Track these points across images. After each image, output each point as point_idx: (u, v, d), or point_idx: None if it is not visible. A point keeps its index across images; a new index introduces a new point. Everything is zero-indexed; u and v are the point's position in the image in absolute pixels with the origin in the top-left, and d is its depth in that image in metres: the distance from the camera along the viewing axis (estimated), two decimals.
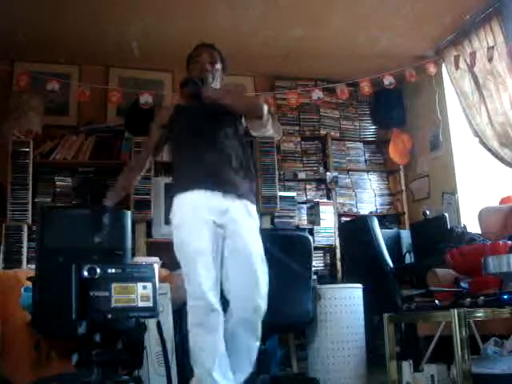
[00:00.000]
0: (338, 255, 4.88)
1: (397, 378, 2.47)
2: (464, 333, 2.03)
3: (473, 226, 3.78)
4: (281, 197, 4.88)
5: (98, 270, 1.19)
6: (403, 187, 5.34)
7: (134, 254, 3.88)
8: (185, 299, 3.10)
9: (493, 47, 4.09)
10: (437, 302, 2.32)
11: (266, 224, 4.83)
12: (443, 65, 4.76)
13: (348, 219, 5.08)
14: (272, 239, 3.01)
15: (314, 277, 3.88)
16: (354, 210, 5.28)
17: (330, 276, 4.91)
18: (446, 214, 4.00)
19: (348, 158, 5.43)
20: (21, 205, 4.21)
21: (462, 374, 2.00)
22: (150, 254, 4.04)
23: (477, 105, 4.33)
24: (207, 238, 2.18)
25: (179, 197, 2.32)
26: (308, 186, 5.23)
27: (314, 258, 3.10)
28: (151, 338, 2.60)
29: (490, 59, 4.10)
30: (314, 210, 5.08)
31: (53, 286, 2.42)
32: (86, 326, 1.19)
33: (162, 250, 3.96)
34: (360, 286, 3.24)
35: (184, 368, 2.93)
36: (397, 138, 5.34)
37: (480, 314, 2.15)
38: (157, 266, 1.26)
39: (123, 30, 4.24)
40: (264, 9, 4.13)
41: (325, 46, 4.69)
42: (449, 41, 4.60)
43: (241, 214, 2.36)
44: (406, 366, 2.48)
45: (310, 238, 3.07)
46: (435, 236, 3.71)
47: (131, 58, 4.65)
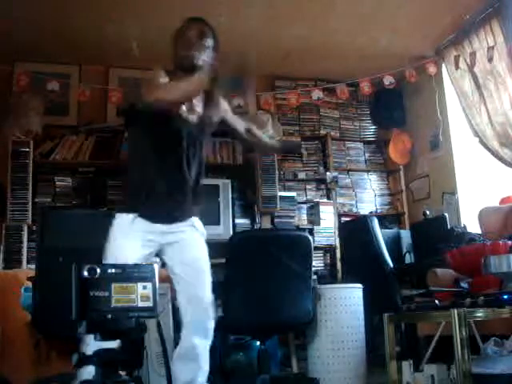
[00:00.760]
0: (338, 255, 4.88)
1: (397, 378, 2.47)
2: (464, 333, 2.03)
3: (473, 226, 3.78)
4: (281, 197, 4.88)
5: (98, 270, 1.19)
6: (403, 187, 5.34)
7: None
8: None
9: (493, 47, 4.09)
10: (437, 302, 2.32)
11: (266, 224, 4.84)
12: (443, 65, 4.76)
13: (348, 219, 5.08)
14: (272, 239, 3.02)
15: (314, 277, 3.88)
16: (354, 210, 5.28)
17: (330, 276, 4.91)
18: (446, 214, 4.00)
19: (348, 157, 5.43)
20: (21, 205, 4.21)
21: (462, 374, 2.00)
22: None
23: (477, 105, 4.33)
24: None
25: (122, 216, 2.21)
26: (308, 186, 5.23)
27: (314, 258, 3.10)
28: (151, 338, 2.60)
29: (490, 59, 4.11)
30: (313, 209, 5.08)
31: (53, 286, 2.42)
32: (86, 326, 1.18)
33: None
34: (360, 286, 3.24)
35: None
36: (397, 138, 5.34)
37: (480, 314, 2.15)
38: (157, 266, 1.26)
39: (123, 30, 4.23)
40: (264, 9, 4.13)
41: (325, 46, 4.69)
42: (449, 41, 4.60)
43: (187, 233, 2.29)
44: (406, 366, 2.48)
45: (310, 237, 3.07)
46: (435, 236, 3.71)
47: (131, 58, 4.65)
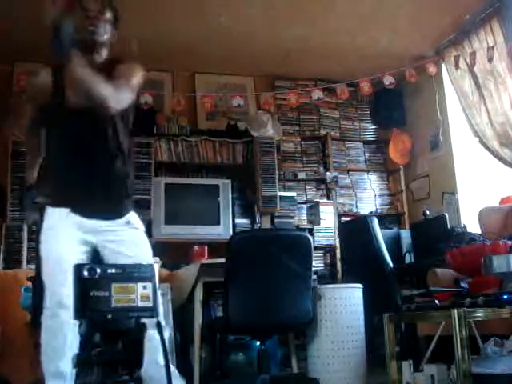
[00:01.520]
0: (338, 255, 4.88)
1: (397, 378, 2.47)
2: (464, 333, 2.03)
3: (473, 226, 3.78)
4: (281, 197, 4.88)
5: (98, 270, 1.19)
6: (403, 187, 5.34)
7: None
8: (185, 299, 3.11)
9: (493, 47, 4.09)
10: (437, 302, 2.32)
11: (266, 224, 4.84)
12: (443, 65, 4.76)
13: (348, 219, 5.08)
14: (272, 239, 3.02)
15: (314, 277, 3.88)
16: (354, 209, 5.28)
17: (330, 276, 4.91)
18: (446, 214, 4.00)
19: (348, 158, 5.43)
20: (21, 205, 4.21)
21: (462, 374, 2.00)
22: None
23: (477, 105, 4.33)
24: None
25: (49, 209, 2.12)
26: (308, 186, 5.23)
27: (314, 258, 3.10)
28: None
29: (490, 59, 4.11)
30: (313, 209, 5.08)
31: None
32: (86, 326, 1.18)
33: (162, 249, 3.97)
34: (360, 286, 3.24)
35: (184, 368, 2.93)
36: (397, 138, 5.34)
37: (480, 314, 2.15)
38: (157, 266, 1.26)
39: (123, 30, 4.23)
40: (264, 9, 4.13)
41: (325, 46, 4.69)
42: (449, 41, 4.60)
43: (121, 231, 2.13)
44: (406, 366, 2.48)
45: (310, 237, 3.07)
46: (435, 236, 3.71)
47: (130, 58, 4.64)
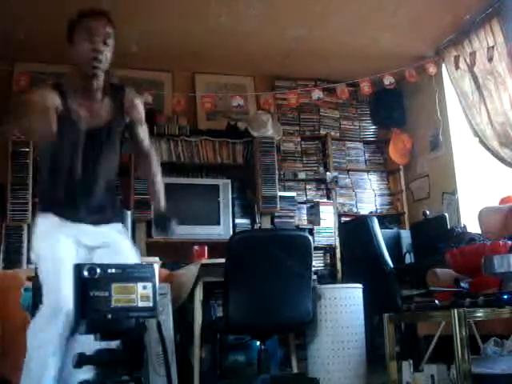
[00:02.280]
0: (338, 255, 4.88)
1: (397, 378, 2.47)
2: (464, 333, 2.03)
3: (473, 226, 3.78)
4: (281, 197, 4.88)
5: (98, 270, 1.19)
6: (403, 187, 5.34)
7: None
8: (185, 299, 3.11)
9: (493, 47, 4.09)
10: (437, 302, 2.32)
11: (266, 224, 4.84)
12: (443, 65, 4.76)
13: (348, 219, 5.08)
14: (272, 239, 3.02)
15: (314, 277, 3.87)
16: (354, 209, 5.28)
17: (330, 276, 4.91)
18: (446, 214, 4.00)
19: (348, 158, 5.43)
20: (21, 205, 4.20)
21: (462, 374, 2.00)
22: (150, 254, 4.04)
23: (477, 105, 4.33)
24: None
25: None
26: (308, 186, 5.23)
27: (314, 258, 3.10)
28: (151, 338, 2.60)
29: (490, 59, 4.11)
30: (313, 209, 5.08)
31: None
32: (86, 326, 1.18)
33: (162, 250, 3.97)
34: (360, 286, 3.24)
35: (184, 368, 2.93)
36: (397, 138, 5.34)
37: (480, 313, 2.15)
38: (157, 266, 1.26)
39: (123, 30, 4.23)
40: (264, 9, 4.13)
41: (325, 46, 4.69)
42: (449, 41, 4.61)
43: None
44: (406, 366, 2.48)
45: (310, 237, 3.07)
46: (435, 236, 3.71)
47: (131, 58, 4.65)
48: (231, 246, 2.85)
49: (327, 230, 4.99)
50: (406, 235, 4.46)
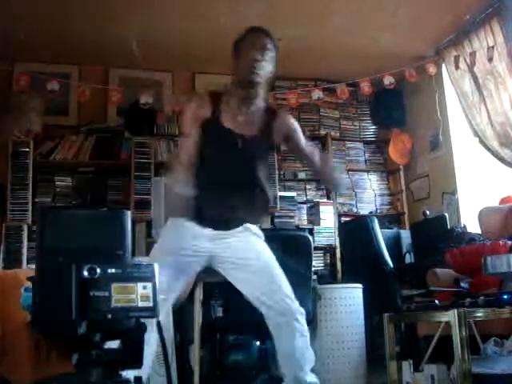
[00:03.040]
0: (338, 255, 4.88)
1: (397, 378, 2.47)
2: (464, 333, 2.03)
3: (473, 226, 3.78)
4: (281, 197, 4.88)
5: (98, 270, 1.19)
6: (403, 187, 5.34)
7: (134, 254, 3.89)
8: (185, 299, 3.10)
9: (493, 47, 4.09)
10: (437, 302, 2.32)
11: (266, 224, 4.84)
12: (443, 65, 4.76)
13: (348, 219, 5.08)
14: (272, 239, 3.02)
15: (314, 277, 3.88)
16: (354, 209, 5.28)
17: (330, 276, 4.91)
18: (446, 214, 4.00)
19: (348, 158, 5.43)
20: (21, 205, 4.21)
21: (462, 374, 2.00)
22: (150, 254, 4.04)
23: (477, 105, 4.33)
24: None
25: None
26: (308, 186, 5.23)
27: (314, 258, 3.10)
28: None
29: (490, 59, 4.11)
30: (314, 209, 5.08)
31: (53, 286, 2.42)
32: (86, 326, 1.18)
33: None
34: (360, 286, 3.24)
35: (184, 368, 2.93)
36: (397, 138, 5.34)
37: (480, 313, 2.15)
38: (157, 266, 1.26)
39: (123, 30, 4.23)
40: (264, 9, 4.13)
41: (325, 46, 4.69)
42: (449, 41, 4.60)
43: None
44: (406, 366, 2.48)
45: (310, 237, 3.07)
46: (435, 236, 3.71)
47: (131, 58, 4.65)
48: None
49: (327, 229, 4.99)
50: (406, 235, 4.46)
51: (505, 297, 2.12)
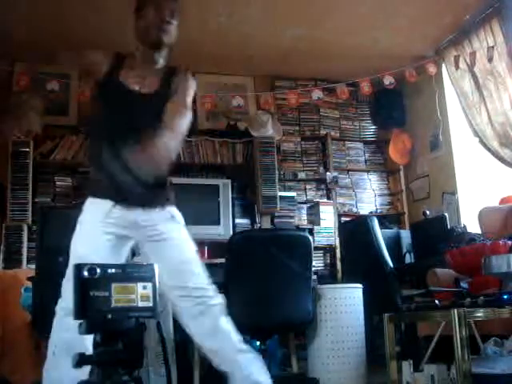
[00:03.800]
0: (338, 255, 4.88)
1: (397, 378, 2.47)
2: (464, 333, 2.03)
3: (473, 226, 3.78)
4: (281, 197, 4.88)
5: (98, 270, 1.19)
6: (403, 187, 5.35)
7: (134, 254, 3.88)
8: None
9: (493, 47, 4.09)
10: (437, 302, 2.32)
11: (266, 224, 4.84)
12: (443, 65, 4.76)
13: (348, 219, 5.08)
14: (272, 239, 3.02)
15: (314, 277, 3.88)
16: (354, 209, 5.28)
17: (330, 276, 4.91)
18: (446, 214, 4.00)
19: (348, 158, 5.43)
20: (21, 205, 4.21)
21: (462, 374, 2.00)
22: None
23: (477, 105, 4.33)
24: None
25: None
26: (308, 186, 5.23)
27: (314, 258, 3.10)
28: (151, 338, 2.60)
29: (490, 59, 4.11)
30: (313, 209, 5.08)
31: (53, 286, 2.42)
32: (86, 326, 1.18)
33: None
34: (360, 286, 3.23)
35: (184, 368, 2.93)
36: (397, 138, 5.34)
37: (480, 314, 2.15)
38: (157, 266, 1.26)
39: (123, 30, 4.23)
40: (264, 9, 4.13)
41: (325, 46, 4.69)
42: (449, 41, 4.60)
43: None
44: (406, 366, 2.48)
45: (310, 237, 3.07)
46: (435, 236, 3.71)
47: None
48: (231, 246, 2.85)
49: (327, 229, 4.99)
50: (406, 235, 4.46)
51: (505, 297, 2.12)
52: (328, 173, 5.20)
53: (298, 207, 5.08)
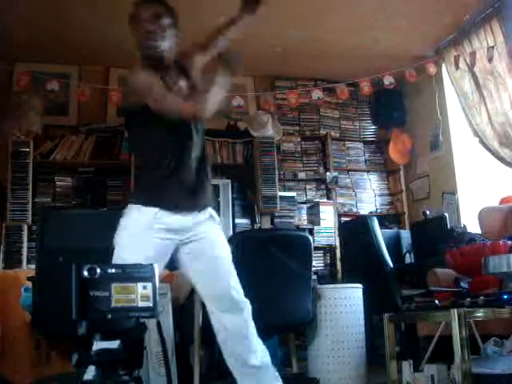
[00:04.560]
0: (338, 255, 4.88)
1: (397, 378, 2.47)
2: (464, 333, 2.03)
3: (473, 226, 3.78)
4: (281, 197, 4.88)
5: (98, 270, 1.19)
6: (403, 187, 5.35)
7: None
8: (185, 299, 3.11)
9: (493, 47, 4.09)
10: (437, 302, 2.32)
11: (266, 224, 4.84)
12: (443, 65, 4.76)
13: (348, 219, 5.08)
14: (272, 239, 3.02)
15: (314, 277, 3.87)
16: (354, 209, 5.28)
17: (330, 276, 4.91)
18: (446, 214, 4.00)
19: (348, 158, 5.43)
20: (21, 205, 4.21)
21: (462, 374, 2.00)
22: None
23: (477, 105, 4.33)
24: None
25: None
26: (308, 186, 5.23)
27: (314, 258, 3.10)
28: (151, 338, 2.60)
29: (490, 59, 4.11)
30: (314, 209, 5.08)
31: (53, 286, 2.42)
32: (86, 326, 1.18)
33: None
34: (360, 286, 3.23)
35: (184, 368, 2.93)
36: (397, 138, 5.35)
37: (480, 314, 2.15)
38: (157, 266, 1.26)
39: (123, 30, 4.23)
40: (264, 9, 4.12)
41: (325, 46, 4.69)
42: (449, 41, 4.60)
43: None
44: (406, 365, 2.48)
45: (310, 237, 3.07)
46: (435, 236, 3.71)
47: (131, 58, 4.65)
48: (231, 246, 2.84)
49: (327, 229, 4.99)
50: (406, 235, 4.46)
51: (505, 297, 2.12)
52: (328, 173, 5.20)
53: (298, 207, 5.08)
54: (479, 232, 3.54)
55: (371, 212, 5.26)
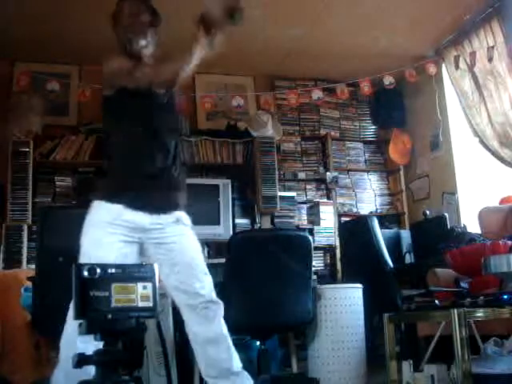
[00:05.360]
0: (338, 255, 4.88)
1: (397, 378, 2.47)
2: (464, 333, 2.03)
3: (473, 226, 3.78)
4: (281, 197, 4.88)
5: (98, 270, 1.19)
6: (403, 187, 5.34)
7: None
8: None
9: (493, 47, 4.09)
10: (437, 302, 2.32)
11: (266, 224, 4.84)
12: (443, 65, 4.76)
13: (348, 219, 5.08)
14: (272, 239, 3.02)
15: (314, 277, 3.86)
16: (354, 209, 5.28)
17: (329, 276, 4.91)
18: (446, 214, 4.00)
19: (348, 157, 5.43)
20: (21, 205, 4.21)
21: (461, 374, 2.00)
22: None
23: (477, 105, 4.33)
24: None
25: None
26: (308, 186, 5.23)
27: (314, 258, 3.10)
28: (151, 338, 2.60)
29: (490, 59, 4.11)
30: (313, 209, 5.08)
31: (53, 286, 2.42)
32: (86, 326, 1.18)
33: None
34: (360, 286, 3.23)
35: (184, 368, 2.93)
36: (397, 138, 5.34)
37: (480, 314, 2.15)
38: (157, 266, 1.26)
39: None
40: (264, 9, 4.13)
41: (325, 46, 4.69)
42: (449, 41, 4.60)
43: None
44: (406, 365, 2.48)
45: (310, 237, 3.07)
46: (435, 236, 3.71)
47: None
48: (231, 246, 2.85)
49: (327, 229, 4.99)
50: (406, 235, 4.46)
51: (505, 297, 2.13)
52: (328, 173, 5.20)
53: (298, 207, 5.07)
54: (479, 232, 3.54)
55: (371, 212, 5.26)
